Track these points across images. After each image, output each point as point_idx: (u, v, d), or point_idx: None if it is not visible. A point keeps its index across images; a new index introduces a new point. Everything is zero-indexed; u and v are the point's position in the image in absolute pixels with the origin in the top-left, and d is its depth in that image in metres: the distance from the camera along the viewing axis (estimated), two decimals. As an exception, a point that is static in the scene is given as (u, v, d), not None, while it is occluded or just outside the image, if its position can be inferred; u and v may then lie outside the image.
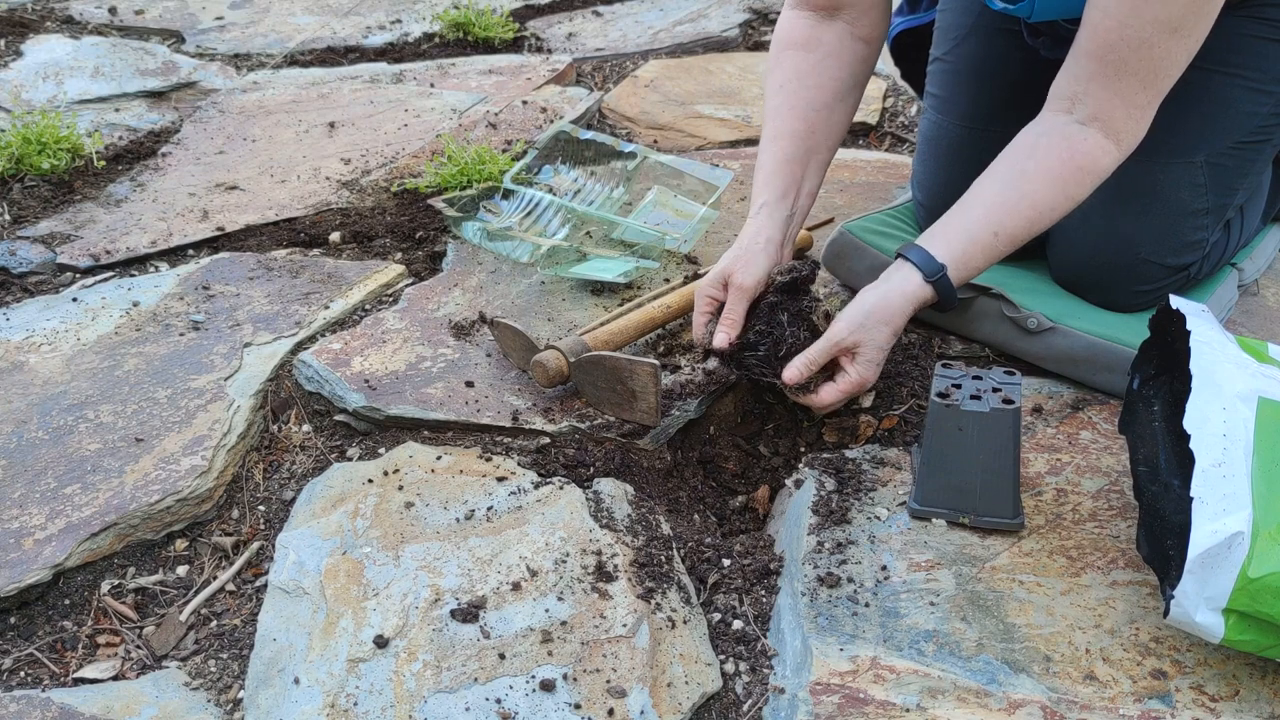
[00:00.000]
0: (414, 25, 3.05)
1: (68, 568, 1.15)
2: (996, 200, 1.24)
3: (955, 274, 1.24)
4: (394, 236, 1.85)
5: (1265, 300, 1.59)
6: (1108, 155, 1.21)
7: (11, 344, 1.51)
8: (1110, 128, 1.20)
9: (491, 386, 1.41)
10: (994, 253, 1.25)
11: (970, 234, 1.25)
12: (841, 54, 1.42)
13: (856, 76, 1.44)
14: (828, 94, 1.41)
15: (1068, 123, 1.22)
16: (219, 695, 1.04)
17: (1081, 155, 1.21)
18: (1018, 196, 1.23)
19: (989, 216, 1.24)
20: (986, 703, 0.96)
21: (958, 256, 1.24)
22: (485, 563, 1.12)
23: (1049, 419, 1.34)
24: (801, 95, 1.40)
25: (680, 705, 0.99)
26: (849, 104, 1.45)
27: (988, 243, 1.24)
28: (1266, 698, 0.96)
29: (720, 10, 3.16)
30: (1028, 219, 1.23)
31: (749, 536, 1.23)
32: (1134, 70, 1.16)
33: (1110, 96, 1.19)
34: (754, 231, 1.35)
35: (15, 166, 2.01)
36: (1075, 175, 1.21)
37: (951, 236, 1.26)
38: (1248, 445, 0.95)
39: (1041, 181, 1.22)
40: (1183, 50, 1.16)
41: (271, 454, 1.36)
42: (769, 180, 1.38)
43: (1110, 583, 1.09)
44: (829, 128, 1.42)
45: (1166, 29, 1.13)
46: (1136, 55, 1.15)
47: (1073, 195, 1.23)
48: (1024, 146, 1.25)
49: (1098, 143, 1.21)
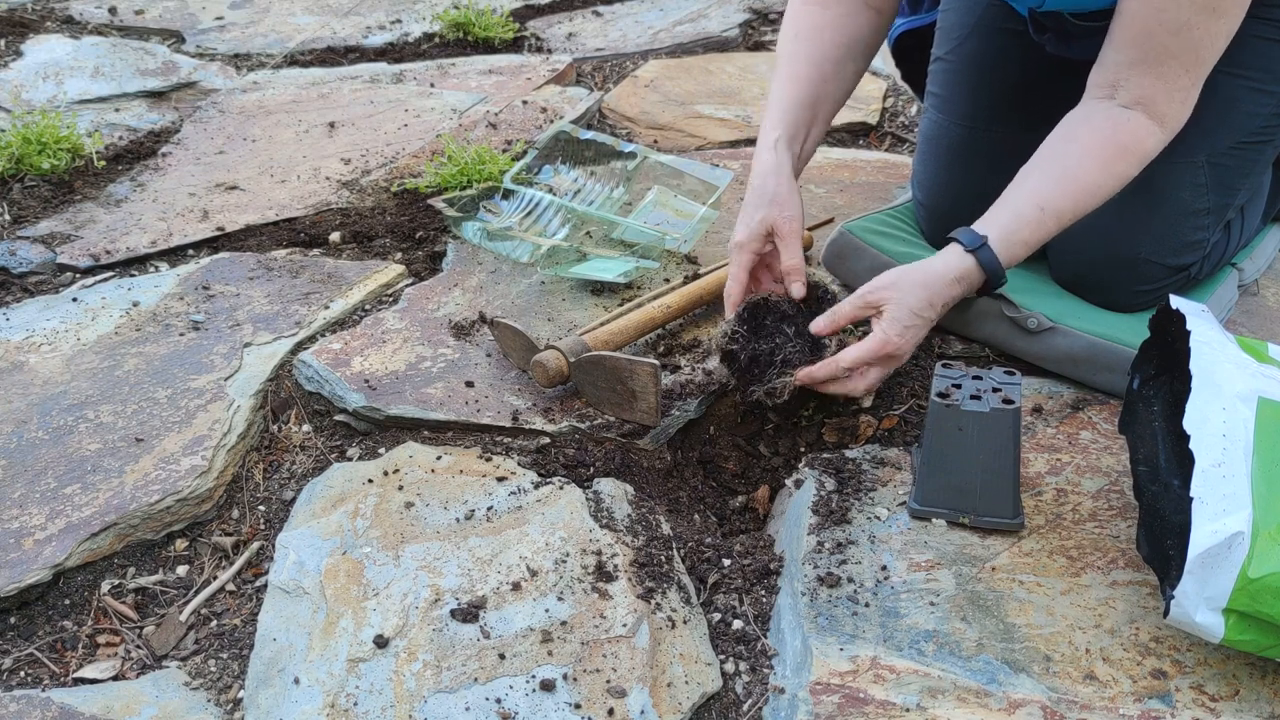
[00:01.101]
0: (414, 25, 3.05)
1: (68, 568, 1.15)
2: (1042, 179, 1.24)
3: (1002, 248, 1.23)
4: (394, 236, 1.85)
5: (1265, 300, 1.59)
6: (1152, 136, 1.21)
7: (11, 344, 1.51)
8: (1154, 110, 1.20)
9: (491, 386, 1.41)
10: (1042, 228, 1.23)
11: (1016, 210, 1.24)
12: (855, 15, 1.45)
13: (866, 41, 1.47)
14: (840, 50, 1.44)
15: (1110, 106, 1.22)
16: (219, 695, 1.04)
17: (1126, 134, 1.20)
18: (1061, 172, 1.23)
19: (1035, 193, 1.24)
20: (986, 703, 0.96)
21: (1003, 229, 1.23)
22: (485, 563, 1.12)
23: (1049, 419, 1.34)
24: (817, 45, 1.43)
25: (680, 705, 0.99)
26: (858, 65, 1.48)
27: (1034, 217, 1.23)
28: (1266, 698, 0.96)
29: (720, 10, 3.16)
30: (1073, 196, 1.22)
31: (749, 536, 1.23)
32: (1175, 54, 1.16)
33: (1152, 81, 1.18)
34: (774, 167, 1.34)
35: (15, 166, 2.01)
36: (1119, 154, 1.21)
37: (998, 214, 1.25)
38: (1248, 445, 0.95)
39: (1086, 159, 1.22)
40: (1223, 30, 1.15)
41: (271, 454, 1.36)
42: (783, 117, 1.39)
43: (1110, 583, 1.09)
44: (839, 80, 1.46)
45: (1205, 10, 1.13)
46: (1176, 39, 1.15)
47: (1118, 173, 1.22)
48: (1067, 129, 1.25)
49: (1142, 123, 1.20)
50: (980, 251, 1.22)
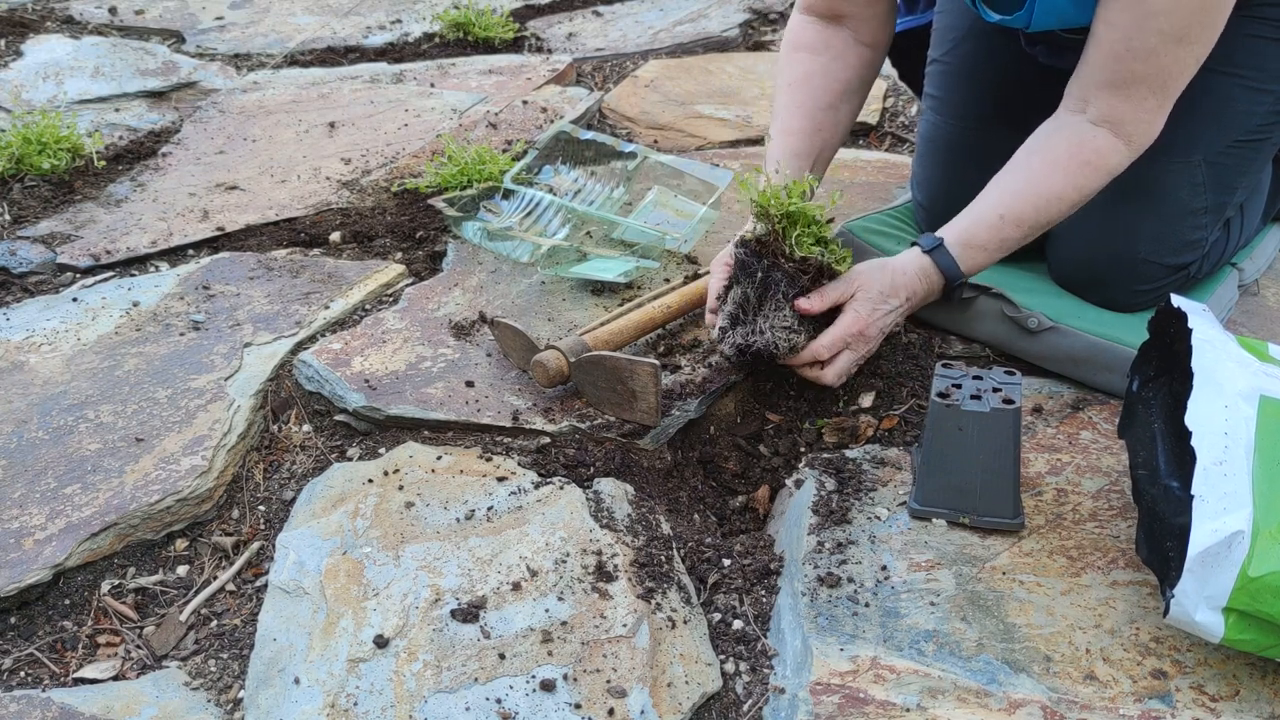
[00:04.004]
0: (414, 25, 3.05)
1: (68, 568, 1.15)
2: (1005, 186, 1.29)
3: (959, 249, 1.30)
4: (394, 236, 1.85)
5: (1265, 300, 1.59)
6: (1117, 154, 1.24)
7: (11, 344, 1.51)
8: (1120, 130, 1.23)
9: (491, 386, 1.41)
10: (1001, 234, 1.29)
11: (976, 214, 1.30)
12: (846, 57, 1.49)
13: (861, 79, 1.51)
14: (833, 95, 1.48)
15: (1080, 121, 1.25)
16: (219, 695, 1.04)
17: (1089, 150, 1.24)
18: (1024, 181, 1.28)
19: (997, 200, 1.29)
20: (986, 703, 0.96)
21: (960, 232, 1.30)
22: (485, 563, 1.12)
23: (1049, 419, 1.34)
24: (809, 95, 1.47)
25: (680, 705, 0.99)
26: (854, 104, 1.52)
27: (992, 222, 1.29)
28: (1266, 698, 0.96)
29: (720, 10, 3.16)
30: (1033, 204, 1.27)
31: (749, 536, 1.23)
32: (1142, 78, 1.19)
33: (1120, 102, 1.22)
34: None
35: (15, 166, 2.01)
36: (1082, 168, 1.25)
37: (960, 219, 1.32)
38: (1249, 444, 0.95)
39: (1049, 169, 1.26)
40: (1191, 57, 1.18)
41: (271, 454, 1.36)
42: (779, 171, 1.44)
43: (1110, 583, 1.09)
44: (834, 126, 1.50)
45: (1173, 39, 1.15)
46: (1144, 65, 1.18)
47: (1079, 186, 1.26)
48: (1035, 140, 1.30)
49: (1107, 141, 1.24)
50: (935, 252, 1.31)
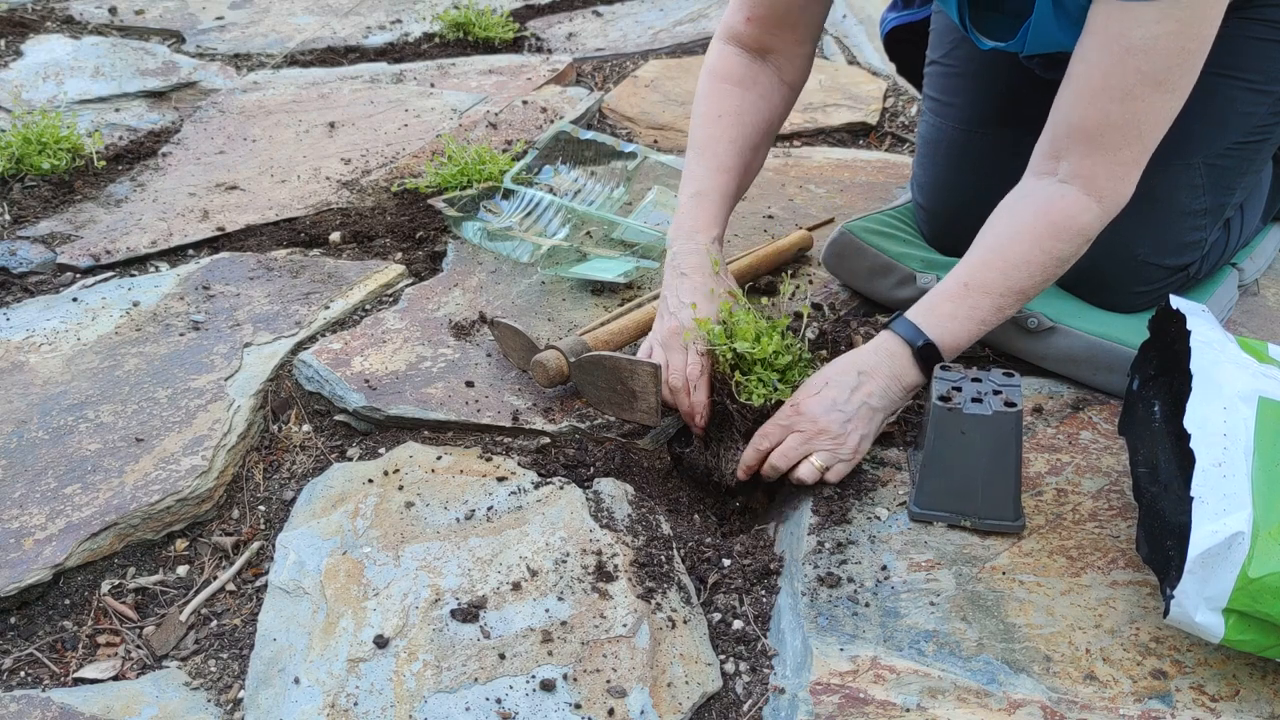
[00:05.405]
0: (414, 25, 3.05)
1: (68, 568, 1.15)
2: (972, 255, 1.24)
3: (922, 319, 1.23)
4: (394, 236, 1.85)
5: (1265, 300, 1.59)
6: (1087, 213, 1.18)
7: (11, 344, 1.51)
8: (1092, 185, 1.18)
9: (491, 386, 1.41)
10: (966, 301, 1.22)
11: (940, 285, 1.25)
12: (772, 96, 1.44)
13: (780, 119, 1.47)
14: (760, 135, 1.43)
15: (1049, 184, 1.21)
16: (219, 695, 1.04)
17: (1057, 212, 1.19)
18: (990, 248, 1.23)
19: (960, 269, 1.24)
20: (986, 703, 0.96)
21: (924, 302, 1.24)
22: (485, 563, 1.12)
23: (1049, 419, 1.34)
24: (741, 132, 1.41)
25: (680, 705, 0.99)
26: (767, 149, 1.48)
27: (956, 291, 1.23)
28: (1266, 698, 0.96)
29: (720, 10, 3.16)
30: (1000, 270, 1.21)
31: (749, 536, 1.23)
32: (1118, 125, 1.15)
33: (1092, 152, 1.17)
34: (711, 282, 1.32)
35: (15, 166, 2.01)
36: (1050, 231, 1.19)
37: (927, 297, 1.26)
38: (1248, 445, 0.95)
39: (1016, 235, 1.21)
40: (1167, 107, 1.14)
41: (271, 454, 1.36)
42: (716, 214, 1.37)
43: (1110, 583, 1.09)
44: (756, 168, 1.46)
45: (1151, 82, 1.12)
46: (1120, 108, 1.14)
47: (1048, 250, 1.20)
48: (1004, 207, 1.25)
49: (1076, 200, 1.18)
50: (895, 322, 1.24)
